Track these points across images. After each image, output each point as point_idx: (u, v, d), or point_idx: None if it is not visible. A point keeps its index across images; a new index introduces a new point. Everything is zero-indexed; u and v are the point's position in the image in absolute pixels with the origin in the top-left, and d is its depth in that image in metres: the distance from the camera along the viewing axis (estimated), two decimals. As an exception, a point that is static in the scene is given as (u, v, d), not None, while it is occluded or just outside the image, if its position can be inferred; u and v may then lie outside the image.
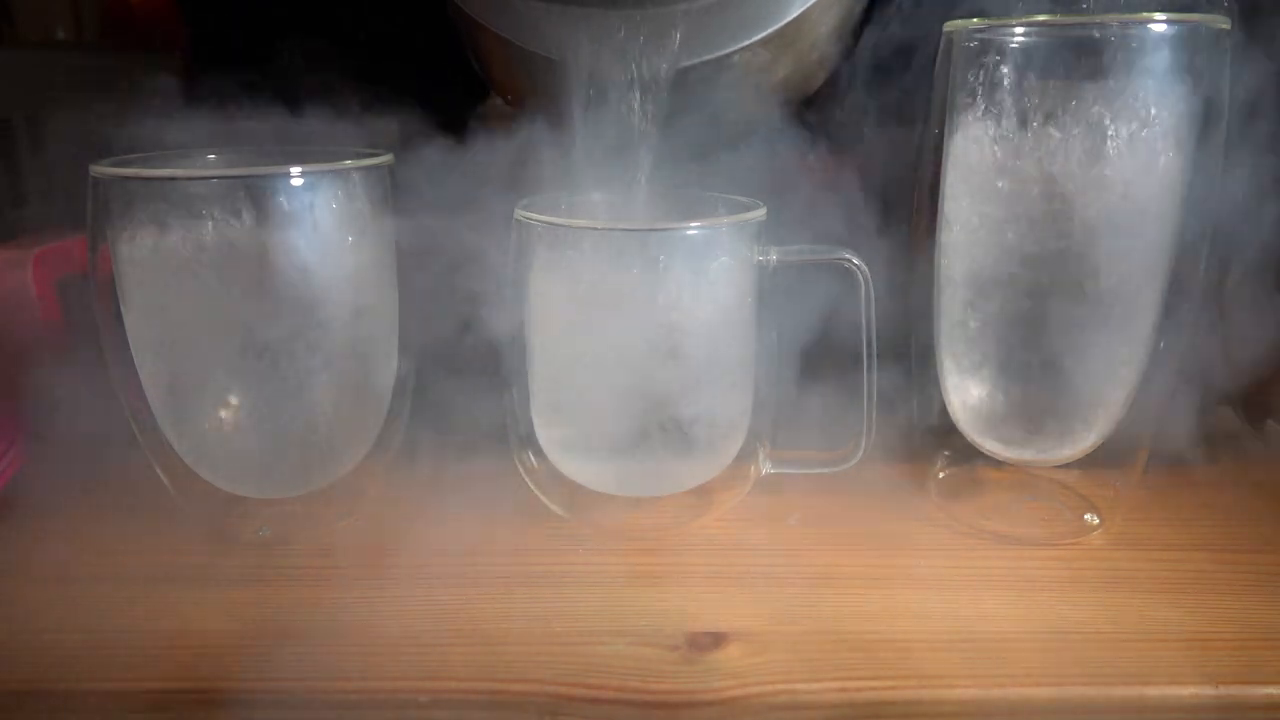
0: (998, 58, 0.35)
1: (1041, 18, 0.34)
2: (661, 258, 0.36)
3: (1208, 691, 0.31)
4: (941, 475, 0.45)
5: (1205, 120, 0.35)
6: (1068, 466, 0.42)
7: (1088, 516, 0.42)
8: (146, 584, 0.37)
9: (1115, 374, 0.38)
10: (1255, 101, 0.36)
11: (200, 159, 0.40)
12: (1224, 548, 0.40)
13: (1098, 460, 0.41)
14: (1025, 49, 0.34)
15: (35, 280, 0.50)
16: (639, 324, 0.36)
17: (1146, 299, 0.37)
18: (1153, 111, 0.34)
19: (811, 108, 0.48)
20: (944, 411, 0.42)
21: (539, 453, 0.41)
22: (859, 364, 0.39)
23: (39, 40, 0.74)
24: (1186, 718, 0.32)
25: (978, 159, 0.37)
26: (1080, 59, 0.33)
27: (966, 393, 0.40)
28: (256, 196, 0.35)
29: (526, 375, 0.40)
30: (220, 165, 0.40)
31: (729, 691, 0.31)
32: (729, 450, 0.40)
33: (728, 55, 0.39)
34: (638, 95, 0.38)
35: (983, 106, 0.36)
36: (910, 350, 0.43)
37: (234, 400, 0.36)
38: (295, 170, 0.35)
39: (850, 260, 0.38)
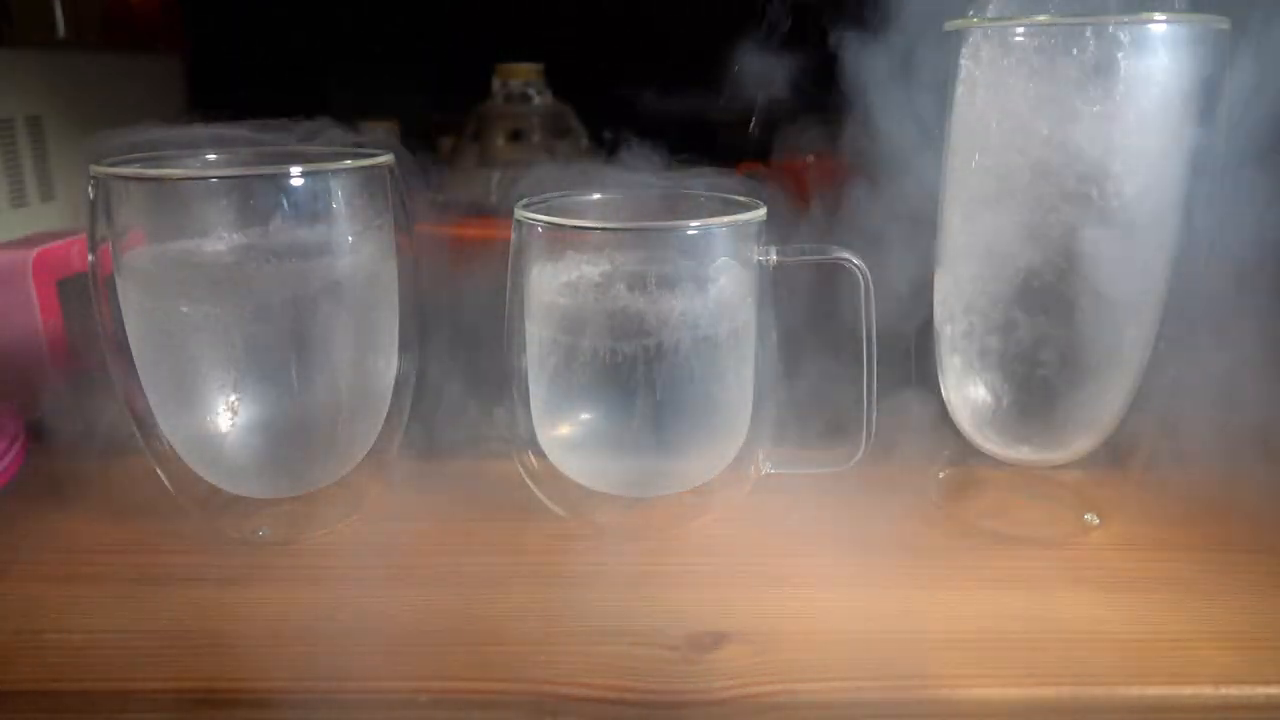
0: (998, 57, 0.35)
1: (1042, 18, 0.34)
2: (661, 257, 0.36)
3: (1208, 691, 0.31)
4: (941, 475, 0.45)
5: (1205, 121, 0.35)
6: (1068, 466, 0.42)
7: (1088, 516, 0.42)
8: (146, 584, 0.37)
9: (1115, 374, 0.38)
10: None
11: (200, 159, 0.40)
12: (1224, 548, 0.40)
13: (1098, 460, 0.41)
14: (1026, 48, 0.34)
15: (35, 280, 0.50)
16: (639, 324, 0.36)
17: (1147, 300, 0.37)
18: (1153, 111, 0.34)
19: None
20: (944, 411, 0.42)
21: (539, 453, 0.41)
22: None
23: (39, 40, 0.74)
24: (1186, 718, 0.32)
25: (978, 158, 0.37)
26: (1080, 59, 0.33)
27: (966, 393, 0.40)
28: (257, 196, 0.35)
29: (526, 374, 0.40)
30: (220, 165, 0.40)
31: (729, 691, 0.31)
32: (729, 450, 0.40)
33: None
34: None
35: (983, 105, 0.36)
36: (910, 350, 0.43)
37: (234, 400, 0.36)
38: (295, 170, 0.35)
39: (850, 261, 0.38)
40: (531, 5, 0.90)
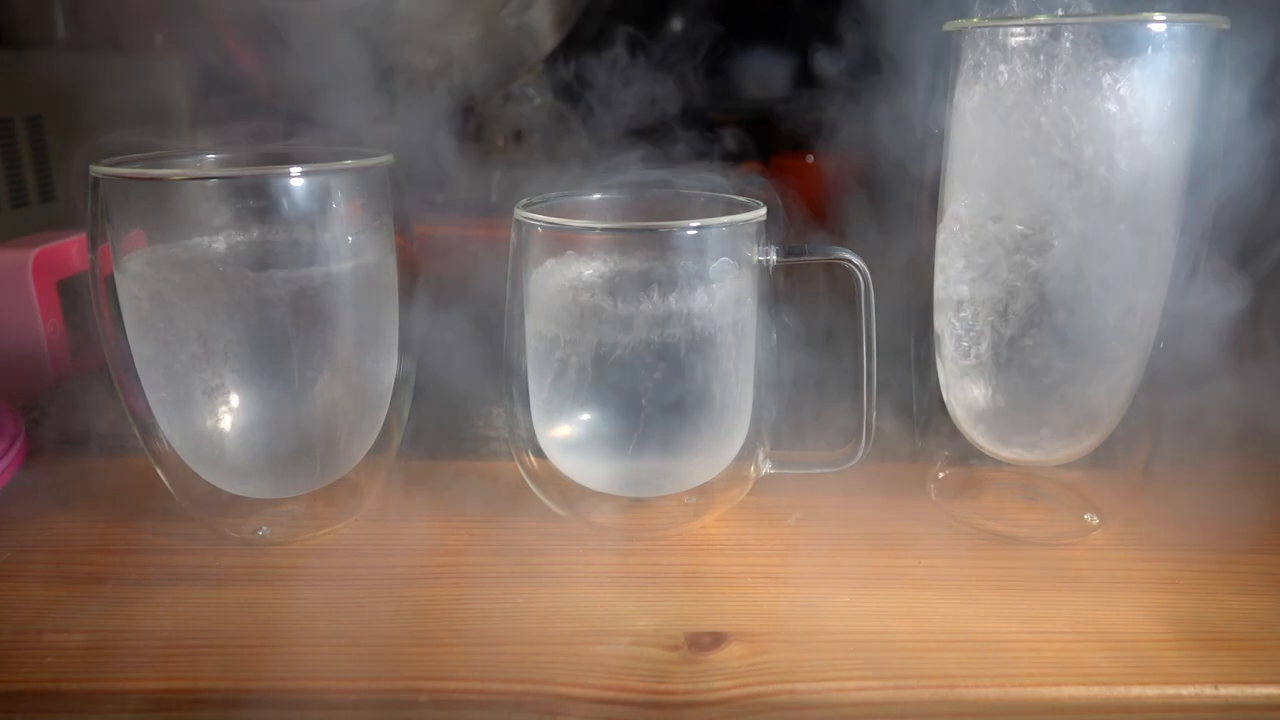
0: (998, 57, 0.35)
1: (1041, 18, 0.34)
2: (661, 257, 0.36)
3: (1208, 691, 0.31)
4: (941, 475, 0.45)
5: (1205, 119, 0.35)
6: (1068, 466, 0.42)
7: (1088, 516, 0.42)
8: (146, 584, 0.37)
9: (1115, 374, 0.38)
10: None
11: (200, 159, 0.40)
12: (1224, 548, 0.40)
13: (1098, 460, 0.41)
14: (1025, 48, 0.34)
15: (35, 280, 0.50)
16: (638, 324, 0.36)
17: (1147, 298, 0.37)
18: (1152, 111, 0.34)
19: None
20: (944, 411, 0.42)
21: (539, 453, 0.41)
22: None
23: (39, 40, 0.74)
24: (1186, 718, 0.32)
25: (978, 158, 0.37)
26: (1080, 58, 0.33)
27: (966, 393, 0.40)
28: (256, 196, 0.35)
29: (526, 375, 0.40)
30: (220, 165, 0.40)
31: (729, 691, 0.31)
32: (729, 450, 0.40)
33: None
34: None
35: (982, 105, 0.36)
36: (910, 350, 0.43)
37: (234, 400, 0.36)
38: (295, 170, 0.35)
39: (850, 260, 0.38)
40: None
